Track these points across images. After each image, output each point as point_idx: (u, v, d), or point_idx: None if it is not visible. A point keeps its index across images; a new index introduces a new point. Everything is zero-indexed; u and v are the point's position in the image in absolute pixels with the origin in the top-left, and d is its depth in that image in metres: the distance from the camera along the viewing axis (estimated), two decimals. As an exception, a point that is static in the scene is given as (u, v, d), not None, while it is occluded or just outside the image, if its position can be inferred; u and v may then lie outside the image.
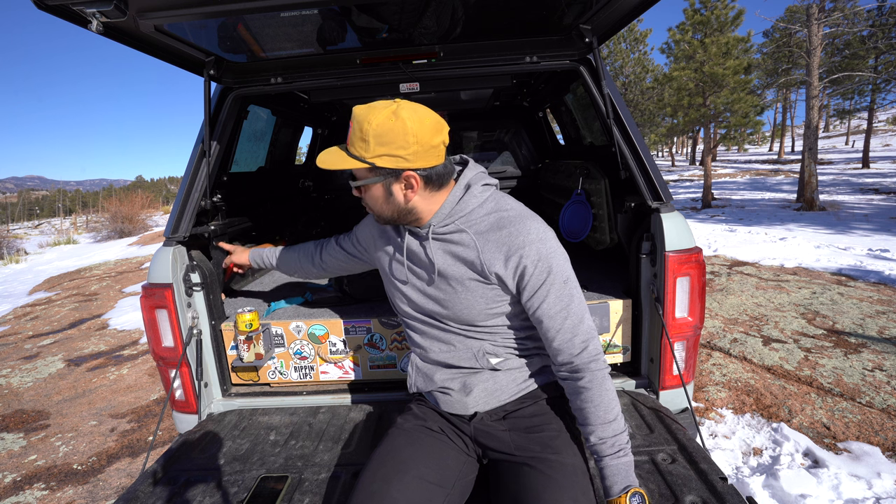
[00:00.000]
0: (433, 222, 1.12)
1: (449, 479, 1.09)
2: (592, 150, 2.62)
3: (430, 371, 1.24)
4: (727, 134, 13.86)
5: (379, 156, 1.01)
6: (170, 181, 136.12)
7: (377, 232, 1.34)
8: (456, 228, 1.12)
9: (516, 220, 1.09)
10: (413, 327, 1.27)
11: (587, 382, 1.06)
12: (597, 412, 1.05)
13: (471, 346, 1.18)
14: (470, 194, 1.12)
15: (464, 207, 1.11)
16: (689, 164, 33.57)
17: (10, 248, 15.91)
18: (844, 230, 8.59)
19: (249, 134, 2.61)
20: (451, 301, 1.15)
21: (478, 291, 1.12)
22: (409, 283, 1.22)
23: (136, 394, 3.76)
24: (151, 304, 1.69)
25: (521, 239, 1.07)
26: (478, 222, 1.12)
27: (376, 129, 0.99)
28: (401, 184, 1.06)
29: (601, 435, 1.04)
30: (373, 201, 1.12)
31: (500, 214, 1.11)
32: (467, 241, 1.11)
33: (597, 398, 1.05)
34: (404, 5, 1.40)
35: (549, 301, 1.07)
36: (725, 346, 3.78)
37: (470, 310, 1.14)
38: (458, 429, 1.20)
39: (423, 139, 1.01)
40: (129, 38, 1.43)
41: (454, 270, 1.13)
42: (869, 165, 21.12)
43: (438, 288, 1.16)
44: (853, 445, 2.47)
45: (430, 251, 1.14)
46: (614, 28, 1.63)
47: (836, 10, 15.15)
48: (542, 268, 1.07)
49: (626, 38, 19.60)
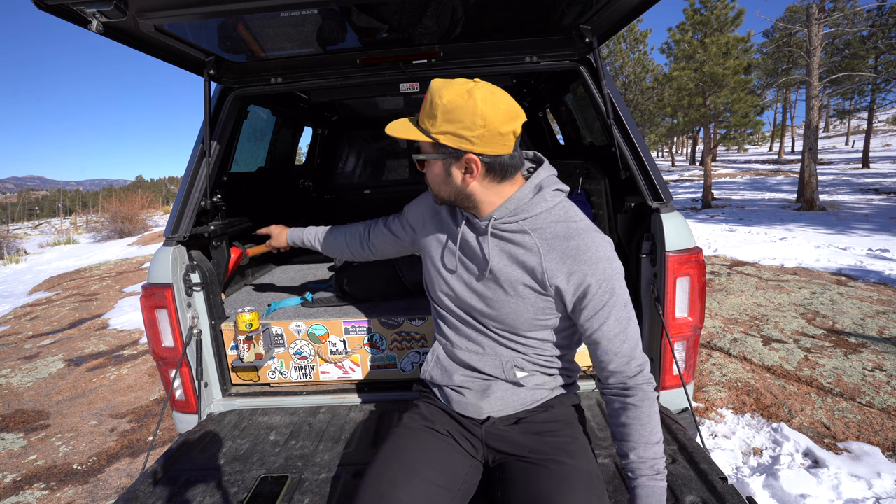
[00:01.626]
0: (495, 215, 1.06)
1: (455, 483, 1.08)
2: (592, 150, 2.62)
3: (450, 367, 1.20)
4: (727, 134, 13.87)
5: (443, 132, 0.97)
6: (170, 181, 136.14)
7: (429, 213, 1.26)
8: (519, 228, 1.05)
9: (585, 234, 1.03)
10: (446, 319, 1.21)
11: (638, 401, 1.02)
12: (642, 431, 1.01)
13: (501, 355, 1.14)
14: (541, 196, 1.06)
15: (532, 208, 1.05)
16: (689, 164, 33.57)
17: (10, 248, 15.91)
18: (844, 230, 8.59)
19: (249, 134, 2.61)
20: (498, 303, 1.09)
21: (529, 300, 1.06)
22: (457, 274, 1.15)
23: (136, 394, 3.76)
24: (151, 304, 1.69)
25: (588, 255, 1.01)
26: (544, 228, 1.05)
27: (446, 105, 0.95)
28: (461, 166, 1.01)
29: (642, 454, 1.01)
30: (432, 178, 1.08)
31: (569, 224, 1.05)
32: (530, 245, 1.05)
33: (645, 418, 1.02)
34: (404, 5, 1.40)
35: (609, 324, 1.02)
36: (725, 346, 3.78)
37: (517, 316, 1.08)
38: (467, 431, 1.17)
39: (491, 123, 0.95)
40: (129, 38, 1.43)
41: (509, 273, 1.07)
42: (869, 165, 21.13)
43: (487, 286, 1.10)
44: (853, 445, 2.47)
45: (486, 247, 1.08)
46: (614, 28, 1.63)
47: (836, 10, 15.15)
48: (606, 288, 1.01)
49: (626, 38, 19.60)
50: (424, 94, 1.01)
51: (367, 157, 4.17)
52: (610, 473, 1.28)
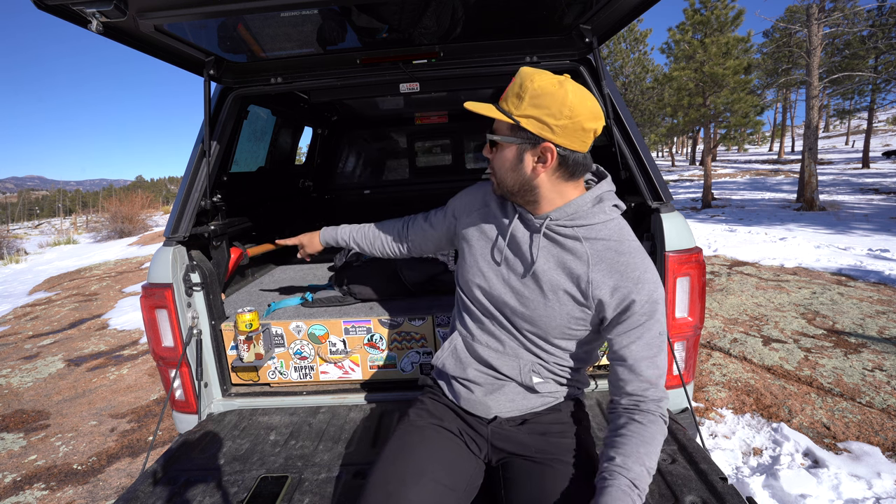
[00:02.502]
0: (552, 215, 1.05)
1: (461, 483, 1.07)
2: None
3: (466, 360, 1.18)
4: (727, 134, 13.87)
5: (527, 116, 0.96)
6: (170, 181, 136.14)
7: (478, 203, 1.24)
8: (573, 234, 1.04)
9: (637, 253, 1.03)
10: (472, 312, 1.19)
11: (646, 422, 0.97)
12: (639, 448, 0.94)
13: (521, 357, 1.12)
14: (600, 208, 1.06)
15: (590, 217, 1.04)
16: (689, 164, 33.58)
17: (10, 248, 15.91)
18: (844, 230, 8.59)
19: (249, 134, 2.61)
20: (534, 304, 1.07)
21: (567, 306, 1.04)
22: (499, 267, 1.13)
23: (136, 394, 3.76)
24: (151, 304, 1.69)
25: (637, 274, 0.99)
26: (597, 238, 1.04)
27: (536, 89, 0.95)
28: (535, 154, 1.00)
29: (628, 464, 0.92)
30: (500, 164, 1.06)
31: (622, 240, 1.04)
32: (580, 253, 1.03)
33: (648, 437, 0.96)
34: (404, 5, 1.40)
35: (639, 344, 1.00)
36: (725, 346, 3.78)
37: (549, 321, 1.06)
38: (473, 429, 1.16)
39: (577, 116, 0.95)
40: (129, 38, 1.43)
41: (553, 276, 1.05)
42: (869, 165, 21.14)
43: (526, 285, 1.09)
44: (853, 445, 2.47)
45: (535, 246, 1.07)
46: (614, 28, 1.63)
47: (836, 10, 15.15)
48: (647, 310, 0.99)
49: (626, 38, 19.60)
50: (512, 79, 1.01)
51: (367, 157, 4.17)
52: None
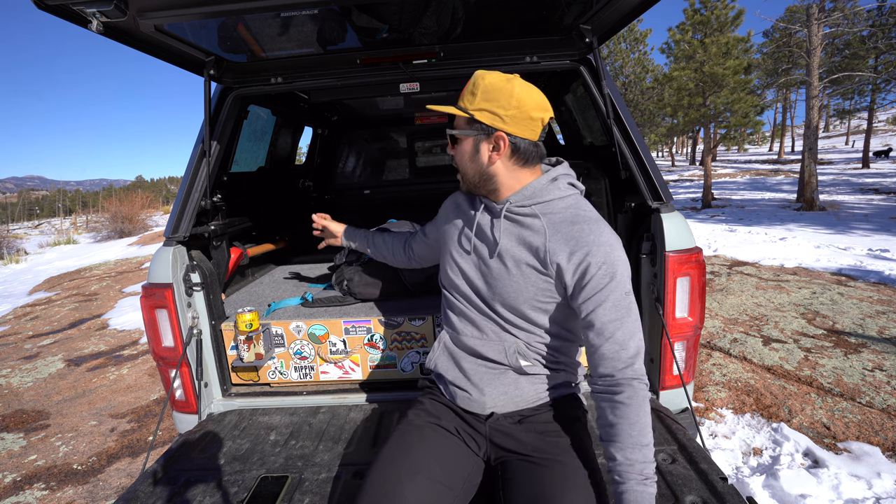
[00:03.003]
0: (511, 199, 1.14)
1: (458, 481, 1.08)
2: (592, 150, 2.62)
3: (456, 353, 1.23)
4: (727, 134, 13.88)
5: (480, 109, 1.08)
6: (170, 181, 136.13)
7: (452, 206, 1.36)
8: (531, 213, 1.13)
9: (591, 221, 1.09)
10: (452, 304, 1.26)
11: (626, 398, 1.01)
12: (630, 431, 0.99)
13: (504, 340, 1.17)
14: (555, 185, 1.15)
15: (545, 195, 1.13)
16: (689, 164, 33.57)
17: (10, 248, 15.91)
18: (844, 230, 8.59)
19: (249, 134, 2.61)
20: (500, 282, 1.14)
21: (531, 279, 1.11)
22: (469, 255, 1.22)
23: (136, 394, 3.76)
24: (151, 304, 1.69)
25: (591, 238, 1.06)
26: (553, 213, 1.12)
27: (487, 85, 1.07)
28: (489, 144, 1.11)
29: (630, 456, 0.97)
30: (461, 157, 1.17)
31: (577, 212, 1.12)
32: (538, 227, 1.11)
33: (633, 416, 0.99)
34: (404, 5, 1.40)
35: (605, 307, 1.04)
36: (725, 346, 3.78)
37: (517, 295, 1.12)
38: (471, 427, 1.18)
39: (524, 106, 1.06)
40: (129, 38, 1.43)
41: (515, 252, 1.13)
42: (869, 165, 21.14)
43: (492, 267, 1.16)
44: (853, 445, 2.47)
45: (497, 228, 1.15)
46: (614, 28, 1.63)
47: (836, 10, 15.15)
48: (606, 272, 1.04)
49: (626, 38, 19.60)
50: (466, 81, 1.13)
51: (367, 157, 4.17)
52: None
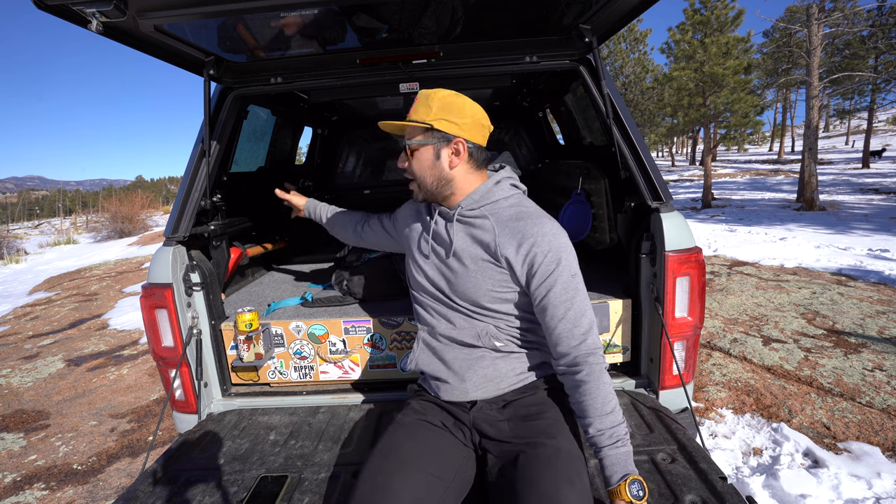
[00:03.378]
0: (463, 204, 1.25)
1: (449, 473, 1.11)
2: (592, 150, 2.62)
3: (435, 347, 1.30)
4: (727, 134, 13.87)
5: (438, 119, 1.18)
6: (170, 181, 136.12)
7: (412, 214, 1.47)
8: (480, 214, 1.24)
9: (534, 216, 1.21)
10: (422, 302, 1.36)
11: (585, 375, 1.11)
12: (594, 404, 1.09)
13: (475, 326, 1.25)
14: (499, 187, 1.27)
15: (491, 196, 1.25)
16: (689, 164, 33.56)
17: (10, 248, 15.91)
18: (844, 230, 8.59)
19: (249, 134, 2.61)
20: (460, 279, 1.24)
21: (486, 272, 1.21)
22: (429, 259, 1.32)
23: (136, 394, 3.76)
24: (151, 304, 1.69)
25: (535, 230, 1.17)
26: (500, 212, 1.24)
27: (441, 100, 1.19)
28: (450, 149, 1.21)
29: (599, 426, 1.08)
30: (419, 165, 1.25)
31: (521, 209, 1.24)
32: (487, 226, 1.22)
33: (594, 390, 1.10)
34: (404, 5, 1.40)
35: (555, 290, 1.15)
36: (725, 346, 3.78)
37: (476, 289, 1.22)
38: (457, 419, 1.22)
39: (476, 115, 1.22)
40: (129, 38, 1.43)
41: (470, 250, 1.24)
42: (869, 165, 21.13)
43: (451, 266, 1.26)
44: (853, 445, 2.47)
45: (451, 231, 1.26)
46: (614, 28, 1.63)
47: (836, 10, 15.15)
48: (552, 258, 1.15)
49: (626, 38, 19.60)
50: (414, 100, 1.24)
51: (367, 157, 4.17)
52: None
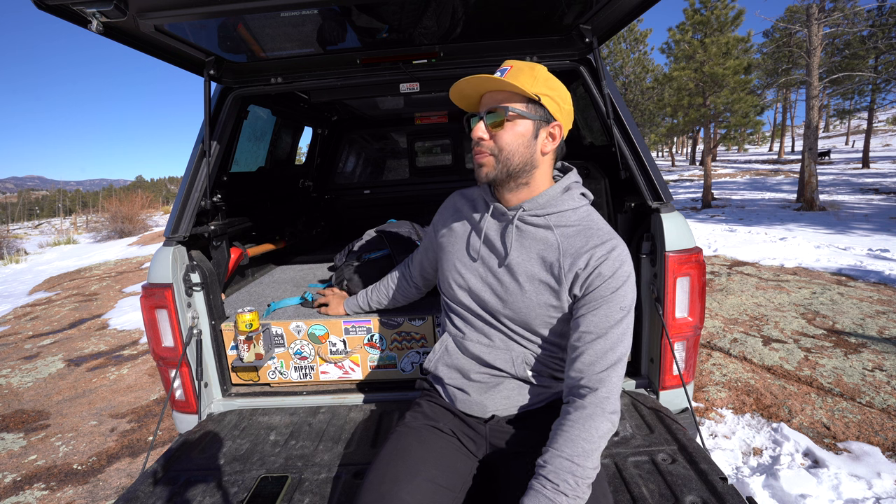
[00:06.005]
0: (526, 206, 1.09)
1: (457, 483, 1.07)
2: (592, 150, 2.62)
3: (459, 359, 1.18)
4: (727, 134, 13.88)
5: (545, 94, 1.03)
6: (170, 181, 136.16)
7: (451, 212, 1.29)
8: (545, 224, 1.09)
9: (605, 235, 1.06)
10: (458, 312, 1.21)
11: (576, 411, 0.96)
12: (563, 439, 0.93)
13: (512, 350, 1.13)
14: (569, 195, 1.11)
15: (559, 205, 1.09)
16: (689, 164, 33.57)
17: (10, 248, 15.90)
18: (844, 230, 8.59)
19: (249, 134, 2.61)
20: (512, 296, 1.09)
21: (543, 296, 1.07)
22: (474, 264, 1.16)
23: (136, 394, 3.76)
24: (151, 304, 1.69)
25: (604, 249, 1.03)
26: (567, 225, 1.09)
27: (545, 74, 1.04)
28: (548, 130, 1.07)
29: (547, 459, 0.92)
30: (511, 139, 1.04)
31: (590, 225, 1.09)
32: (551, 241, 1.07)
33: (568, 428, 0.94)
34: (404, 5, 1.40)
35: (597, 314, 1.01)
36: (725, 346, 3.78)
37: (529, 311, 1.08)
38: (471, 429, 1.17)
39: (570, 106, 1.08)
40: (129, 38, 1.43)
41: (527, 266, 1.08)
42: (869, 165, 21.13)
43: (501, 279, 1.11)
44: (853, 445, 2.47)
45: (508, 237, 1.10)
46: (614, 28, 1.63)
47: (836, 10, 15.15)
48: (611, 285, 1.01)
49: (626, 38, 19.61)
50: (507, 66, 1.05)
51: (367, 157, 4.17)
52: (610, 473, 1.28)
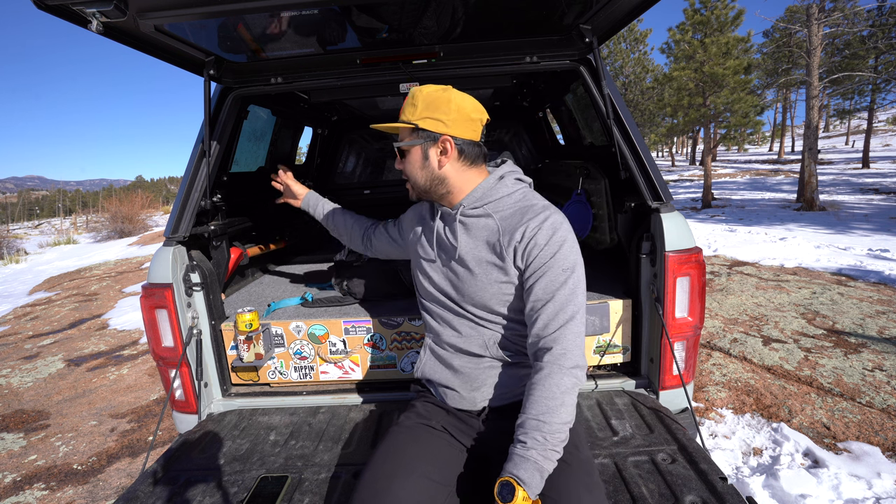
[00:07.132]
0: (464, 203, 1.20)
1: (451, 478, 1.09)
2: (592, 150, 2.62)
3: (441, 355, 1.27)
4: (727, 134, 13.87)
5: (423, 118, 1.14)
6: (170, 181, 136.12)
7: (416, 218, 1.43)
8: (483, 213, 1.19)
9: (539, 210, 1.15)
10: (429, 309, 1.33)
11: (543, 375, 1.02)
12: (535, 401, 0.99)
13: (482, 334, 1.22)
14: (502, 183, 1.21)
15: (494, 194, 1.19)
16: (689, 164, 33.56)
17: (10, 248, 15.91)
18: (844, 230, 8.59)
19: (249, 134, 2.61)
20: (466, 283, 1.20)
21: (492, 275, 1.17)
22: (434, 263, 1.28)
23: (136, 394, 3.76)
24: (151, 304, 1.69)
25: (538, 221, 1.12)
26: (504, 209, 1.19)
27: (426, 97, 1.15)
28: (437, 148, 1.16)
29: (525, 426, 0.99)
30: (411, 167, 1.21)
31: (526, 204, 1.18)
32: (492, 226, 1.17)
33: (538, 391, 1.01)
34: (404, 5, 1.40)
35: (542, 281, 1.10)
36: (725, 346, 3.78)
37: (483, 292, 1.18)
38: (464, 424, 1.21)
39: (463, 110, 1.15)
40: (129, 38, 1.43)
41: (475, 253, 1.19)
42: (869, 165, 21.12)
43: (455, 270, 1.23)
44: (853, 445, 2.47)
45: (455, 233, 1.21)
46: (614, 28, 1.63)
47: (836, 10, 15.15)
48: (549, 251, 1.10)
49: (626, 38, 19.61)
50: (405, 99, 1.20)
51: (367, 157, 4.17)
52: (610, 473, 1.28)
